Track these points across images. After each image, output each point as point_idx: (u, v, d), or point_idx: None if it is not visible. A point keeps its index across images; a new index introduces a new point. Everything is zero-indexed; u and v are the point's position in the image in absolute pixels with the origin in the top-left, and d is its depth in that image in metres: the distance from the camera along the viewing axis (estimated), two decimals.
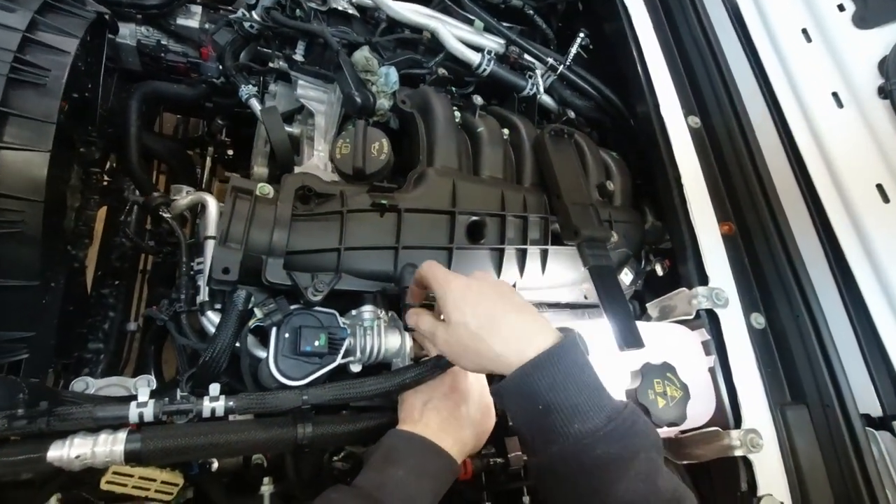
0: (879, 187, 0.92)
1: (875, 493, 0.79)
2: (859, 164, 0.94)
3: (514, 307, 0.63)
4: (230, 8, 1.38)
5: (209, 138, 1.78)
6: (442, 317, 0.65)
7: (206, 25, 1.32)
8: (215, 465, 0.85)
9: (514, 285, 0.90)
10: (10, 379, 0.57)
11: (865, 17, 1.02)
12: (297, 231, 0.75)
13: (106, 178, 1.41)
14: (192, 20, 1.35)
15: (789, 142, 1.01)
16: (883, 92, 0.95)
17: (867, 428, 0.83)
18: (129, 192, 1.47)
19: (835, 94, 1.01)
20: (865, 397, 0.86)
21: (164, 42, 1.34)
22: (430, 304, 0.74)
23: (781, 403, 0.88)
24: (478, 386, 0.75)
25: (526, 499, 0.94)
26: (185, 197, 0.97)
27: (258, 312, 0.71)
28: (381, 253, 0.78)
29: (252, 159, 1.26)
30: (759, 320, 0.94)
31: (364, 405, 0.80)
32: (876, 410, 0.85)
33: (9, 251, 0.73)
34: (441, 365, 0.70)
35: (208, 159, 1.94)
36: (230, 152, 1.81)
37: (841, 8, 1.06)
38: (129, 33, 1.31)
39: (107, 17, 1.04)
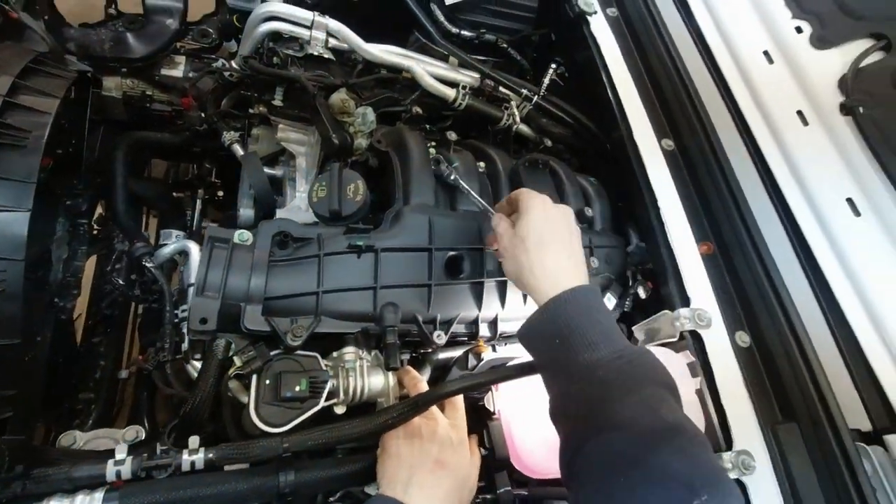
0: (850, 201, 0.93)
1: None
2: (828, 178, 0.96)
3: (567, 245, 0.74)
4: (213, 57, 1.43)
5: (198, 182, 1.81)
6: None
7: (191, 74, 1.36)
8: None
9: (495, 317, 0.91)
10: None
11: (823, 38, 1.05)
12: (275, 276, 0.76)
13: (96, 227, 1.43)
14: (176, 70, 1.39)
15: (760, 160, 1.03)
16: (845, 108, 0.98)
17: (858, 443, 0.82)
18: (118, 241, 1.49)
19: (800, 113, 1.03)
20: (854, 412, 0.85)
21: (149, 92, 1.38)
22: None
23: (773, 422, 0.88)
24: (465, 462, 0.73)
25: None
26: (168, 245, 0.98)
27: (238, 361, 0.71)
28: (360, 294, 0.79)
29: (238, 201, 1.28)
30: (743, 338, 0.94)
31: (350, 446, 0.80)
32: (865, 425, 0.85)
33: None
34: (421, 403, 0.70)
35: (199, 201, 1.96)
36: (220, 193, 1.83)
37: (799, 30, 1.10)
38: (114, 86, 1.35)
39: (89, 74, 1.08)
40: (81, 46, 1.24)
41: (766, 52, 1.12)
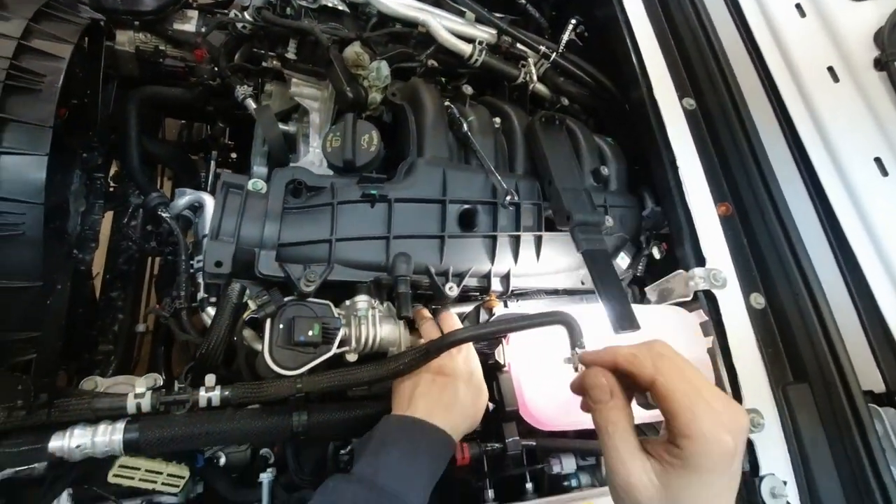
0: (878, 160, 0.90)
1: (879, 470, 0.78)
2: (857, 137, 0.92)
3: None
4: (225, 11, 1.40)
5: (212, 142, 1.81)
6: (665, 459, 0.43)
7: (203, 29, 1.34)
8: (223, 459, 0.87)
9: (508, 272, 0.90)
10: (8, 374, 0.59)
11: None
12: (289, 223, 0.76)
13: (112, 183, 1.45)
14: (188, 24, 1.37)
15: (786, 119, 1.00)
16: (879, 64, 0.93)
17: (870, 404, 0.82)
18: (133, 196, 1.50)
19: (830, 69, 0.99)
20: (868, 374, 0.85)
21: (161, 47, 1.36)
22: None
23: (784, 383, 0.87)
24: (466, 367, 0.75)
25: (529, 485, 0.94)
26: (183, 197, 0.99)
27: (252, 304, 0.72)
28: (372, 243, 0.79)
29: (251, 159, 1.28)
30: (758, 300, 0.93)
31: (361, 395, 0.81)
32: (879, 387, 0.84)
33: (11, 253, 0.75)
34: (433, 350, 0.70)
35: (212, 163, 1.97)
36: (234, 155, 1.84)
37: None
38: (126, 40, 1.34)
39: (101, 23, 1.07)
40: None
41: (798, 6, 1.07)
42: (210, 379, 0.66)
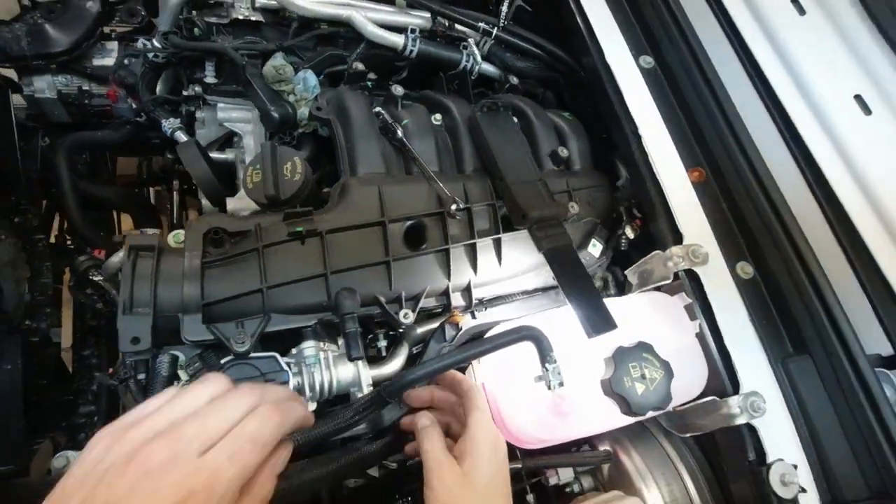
0: (858, 98, 0.81)
1: (893, 438, 0.71)
2: (832, 75, 0.83)
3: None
4: (148, 38, 1.30)
5: (164, 174, 1.74)
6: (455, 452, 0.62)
7: (126, 61, 1.25)
8: None
9: (468, 284, 0.83)
10: None
11: None
12: (213, 279, 0.69)
13: (69, 238, 1.39)
14: (108, 58, 1.29)
15: (752, 65, 0.90)
16: None
17: (879, 369, 0.75)
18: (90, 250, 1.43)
19: (795, 1, 0.89)
20: (874, 336, 0.77)
21: (85, 87, 1.28)
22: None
23: (783, 357, 0.81)
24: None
25: (530, 497, 0.89)
26: (116, 254, 0.92)
27: (183, 375, 0.65)
28: (310, 283, 0.72)
29: (199, 192, 1.21)
30: (746, 269, 0.86)
31: None
32: (886, 349, 0.77)
33: None
34: (385, 394, 0.64)
35: (175, 193, 1.90)
36: None
37: None
38: (46, 86, 1.26)
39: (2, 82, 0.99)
40: None
41: None
42: None
